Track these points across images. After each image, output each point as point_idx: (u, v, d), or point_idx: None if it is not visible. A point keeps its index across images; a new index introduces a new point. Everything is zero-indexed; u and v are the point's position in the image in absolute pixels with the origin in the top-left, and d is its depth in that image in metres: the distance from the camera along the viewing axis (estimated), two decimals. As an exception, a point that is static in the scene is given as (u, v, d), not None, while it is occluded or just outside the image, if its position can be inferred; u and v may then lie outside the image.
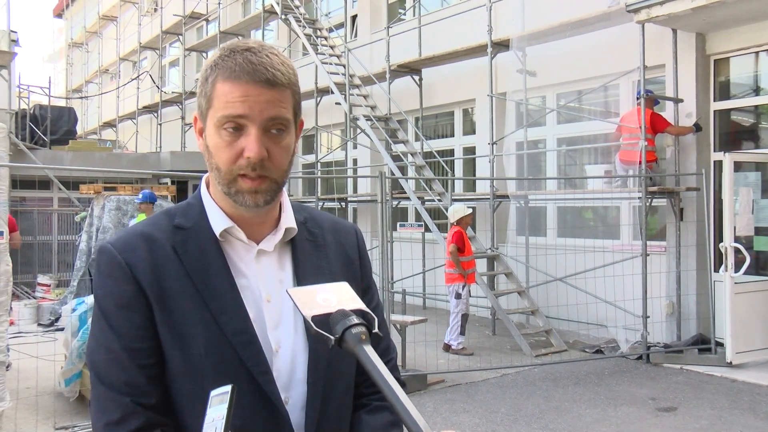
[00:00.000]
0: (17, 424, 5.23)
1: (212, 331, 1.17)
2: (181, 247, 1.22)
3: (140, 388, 1.16)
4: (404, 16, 12.21)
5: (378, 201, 6.84)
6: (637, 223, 8.09)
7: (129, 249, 1.20)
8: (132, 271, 1.18)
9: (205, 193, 1.29)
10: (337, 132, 13.50)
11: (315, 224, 1.36)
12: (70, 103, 22.63)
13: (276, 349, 1.22)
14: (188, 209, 1.28)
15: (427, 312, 10.00)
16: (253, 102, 1.16)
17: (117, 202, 10.13)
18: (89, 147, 16.63)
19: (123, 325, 1.17)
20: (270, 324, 1.22)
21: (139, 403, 1.15)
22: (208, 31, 18.30)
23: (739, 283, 7.00)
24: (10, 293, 5.18)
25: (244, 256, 1.25)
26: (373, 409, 1.33)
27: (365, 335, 1.01)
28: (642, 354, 7.42)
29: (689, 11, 7.01)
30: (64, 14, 27.88)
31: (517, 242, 9.52)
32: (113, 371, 1.16)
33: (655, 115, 7.83)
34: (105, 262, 1.20)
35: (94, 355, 1.20)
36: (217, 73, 1.19)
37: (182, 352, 1.17)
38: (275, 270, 1.27)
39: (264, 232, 1.28)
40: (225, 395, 1.01)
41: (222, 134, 1.18)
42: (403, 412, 0.93)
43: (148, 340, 1.17)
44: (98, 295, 1.21)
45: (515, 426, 5.44)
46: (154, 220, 1.27)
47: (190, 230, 1.24)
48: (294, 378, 1.23)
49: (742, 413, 5.62)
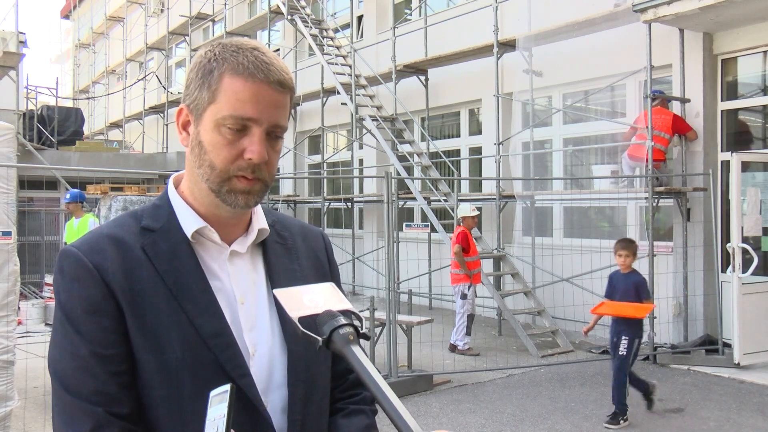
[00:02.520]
0: (25, 423, 5.26)
1: (188, 334, 1.13)
2: (151, 248, 1.17)
3: (112, 396, 1.09)
4: (410, 16, 12.21)
5: (384, 201, 6.84)
6: (644, 224, 8.06)
7: (96, 251, 1.15)
8: (100, 273, 1.12)
9: (174, 193, 1.24)
10: (343, 132, 13.50)
11: (283, 227, 1.34)
12: (77, 104, 22.71)
13: (252, 352, 1.18)
14: (155, 210, 1.23)
15: (433, 312, 9.99)
16: (263, 104, 1.14)
17: (124, 202, 10.16)
18: (96, 147, 16.70)
19: (91, 330, 1.10)
20: (245, 326, 1.19)
21: (111, 412, 1.09)
22: (215, 31, 18.33)
23: (747, 284, 6.96)
24: (18, 293, 5.21)
25: (217, 258, 1.22)
26: (349, 413, 1.31)
27: (353, 336, 0.99)
28: (649, 355, 7.40)
29: (696, 11, 6.97)
30: (71, 15, 28.00)
31: (523, 242, 9.50)
32: (82, 379, 1.09)
33: (678, 118, 7.80)
34: (70, 265, 1.14)
35: (58, 364, 1.12)
36: (225, 67, 1.14)
37: (157, 356, 1.12)
38: (248, 272, 1.24)
39: (236, 233, 1.25)
40: (225, 394, 1.00)
41: (223, 132, 1.15)
42: (393, 413, 0.92)
43: (118, 346, 1.11)
44: (61, 300, 1.13)
45: (521, 426, 5.43)
46: (119, 222, 1.22)
47: (159, 231, 1.19)
48: (272, 381, 1.20)
49: (751, 415, 5.59)
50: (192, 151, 1.20)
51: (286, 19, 13.10)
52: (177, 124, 1.24)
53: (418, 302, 10.54)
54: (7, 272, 4.89)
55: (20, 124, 12.73)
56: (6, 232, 4.91)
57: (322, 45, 12.19)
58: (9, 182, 5.00)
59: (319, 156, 13.38)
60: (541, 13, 9.14)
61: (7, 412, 4.89)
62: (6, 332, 4.89)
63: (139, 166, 15.30)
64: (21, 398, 5.31)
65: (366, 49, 12.14)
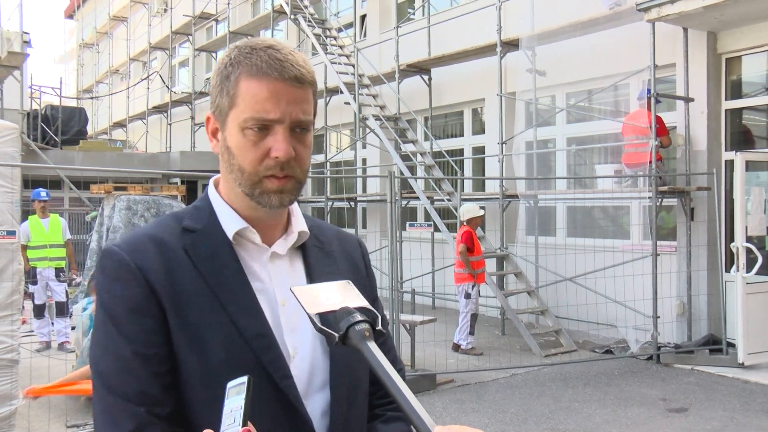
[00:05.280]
0: (30, 421, 5.29)
1: (231, 335, 1.13)
2: (193, 249, 1.17)
3: (154, 397, 1.10)
4: (413, 15, 12.20)
5: (387, 201, 6.84)
6: (647, 223, 8.05)
7: (138, 251, 1.15)
8: (143, 273, 1.13)
9: (215, 195, 1.25)
10: (347, 132, 13.51)
11: (321, 232, 1.34)
12: (80, 104, 22.77)
13: (293, 354, 1.18)
14: (196, 212, 1.24)
15: (436, 312, 9.99)
16: (281, 103, 1.14)
17: (127, 201, 10.16)
18: (100, 147, 16.74)
19: (134, 330, 1.11)
20: (286, 328, 1.19)
21: (154, 413, 1.09)
22: (218, 31, 18.37)
23: (751, 284, 6.94)
24: (22, 292, 5.22)
25: (258, 259, 1.22)
26: (387, 420, 1.31)
27: (369, 332, 1.00)
28: (652, 354, 7.39)
29: (700, 9, 6.96)
30: (75, 15, 28.06)
31: (526, 242, 9.49)
32: (125, 380, 1.09)
33: (658, 119, 7.75)
34: (112, 265, 1.15)
35: (100, 364, 1.12)
36: (240, 71, 1.15)
37: (200, 357, 1.12)
38: (288, 274, 1.24)
39: (275, 235, 1.25)
40: (242, 386, 1.00)
41: (247, 134, 1.15)
42: (408, 408, 0.93)
43: (161, 346, 1.12)
44: (104, 300, 1.15)
45: (525, 426, 5.43)
46: (160, 223, 1.23)
47: (200, 232, 1.20)
48: (312, 384, 1.19)
49: (755, 415, 5.58)
50: (222, 157, 1.21)
51: (290, 19, 13.12)
52: (207, 132, 1.25)
53: (422, 302, 10.54)
54: (11, 271, 4.90)
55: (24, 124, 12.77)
56: (10, 231, 4.92)
57: (325, 44, 12.20)
58: (13, 182, 5.01)
59: (323, 155, 13.39)
60: (544, 12, 9.12)
61: (12, 411, 4.91)
62: (10, 331, 4.91)
63: (143, 165, 15.32)
64: (25, 397, 5.34)
65: (369, 48, 12.15)
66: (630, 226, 8.94)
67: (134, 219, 10.11)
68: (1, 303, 4.85)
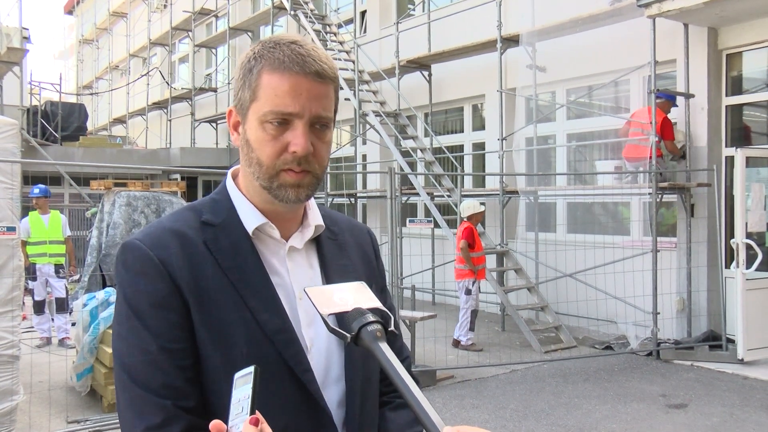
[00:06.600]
0: (31, 417, 5.29)
1: (253, 330, 1.15)
2: (214, 244, 1.18)
3: (180, 390, 1.12)
4: (413, 11, 12.18)
5: (387, 197, 6.84)
6: (647, 219, 8.05)
7: (161, 246, 1.16)
8: (166, 268, 1.14)
9: (233, 188, 1.25)
10: (347, 128, 13.50)
11: (333, 223, 1.35)
12: (80, 100, 22.75)
13: (309, 346, 1.21)
14: (214, 205, 1.24)
15: (436, 308, 10.00)
16: (302, 97, 1.14)
17: (127, 197, 10.18)
18: (100, 143, 16.75)
19: (159, 324, 1.12)
20: (304, 322, 1.21)
21: (179, 406, 1.11)
22: (218, 27, 18.33)
23: (751, 280, 6.95)
24: (23, 288, 5.23)
25: (276, 253, 1.23)
26: (396, 407, 1.35)
27: (381, 332, 1.01)
28: (652, 350, 7.40)
29: (701, 5, 6.95)
30: (74, 11, 28.01)
31: (526, 238, 9.50)
32: (151, 373, 1.11)
33: (667, 121, 7.77)
34: (135, 259, 1.15)
35: (126, 358, 1.13)
36: (262, 64, 1.16)
37: (223, 352, 1.14)
38: (305, 268, 1.26)
39: (291, 229, 1.26)
40: (249, 376, 1.02)
41: (267, 128, 1.16)
42: (418, 408, 0.94)
43: (185, 341, 1.13)
44: (127, 294, 1.15)
45: (524, 422, 5.44)
46: (179, 216, 1.23)
47: (219, 226, 1.20)
48: (329, 376, 1.22)
49: (755, 411, 5.59)
50: (242, 150, 1.22)
51: (290, 15, 13.09)
52: (228, 125, 1.26)
53: (422, 298, 10.55)
54: (11, 267, 4.91)
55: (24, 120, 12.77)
56: (10, 227, 4.92)
57: (325, 40, 12.18)
58: (13, 178, 5.01)
59: (323, 152, 13.35)
60: (544, 8, 9.11)
61: (12, 407, 4.92)
62: (11, 327, 4.91)
63: (143, 161, 15.32)
64: (26, 393, 5.35)
65: (369, 44, 12.13)
66: (630, 222, 8.94)
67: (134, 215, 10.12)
68: (2, 299, 4.86)
